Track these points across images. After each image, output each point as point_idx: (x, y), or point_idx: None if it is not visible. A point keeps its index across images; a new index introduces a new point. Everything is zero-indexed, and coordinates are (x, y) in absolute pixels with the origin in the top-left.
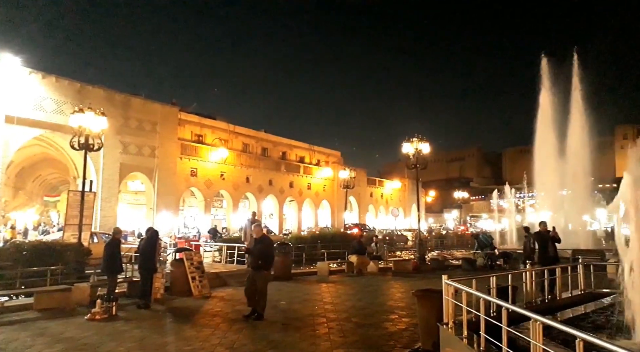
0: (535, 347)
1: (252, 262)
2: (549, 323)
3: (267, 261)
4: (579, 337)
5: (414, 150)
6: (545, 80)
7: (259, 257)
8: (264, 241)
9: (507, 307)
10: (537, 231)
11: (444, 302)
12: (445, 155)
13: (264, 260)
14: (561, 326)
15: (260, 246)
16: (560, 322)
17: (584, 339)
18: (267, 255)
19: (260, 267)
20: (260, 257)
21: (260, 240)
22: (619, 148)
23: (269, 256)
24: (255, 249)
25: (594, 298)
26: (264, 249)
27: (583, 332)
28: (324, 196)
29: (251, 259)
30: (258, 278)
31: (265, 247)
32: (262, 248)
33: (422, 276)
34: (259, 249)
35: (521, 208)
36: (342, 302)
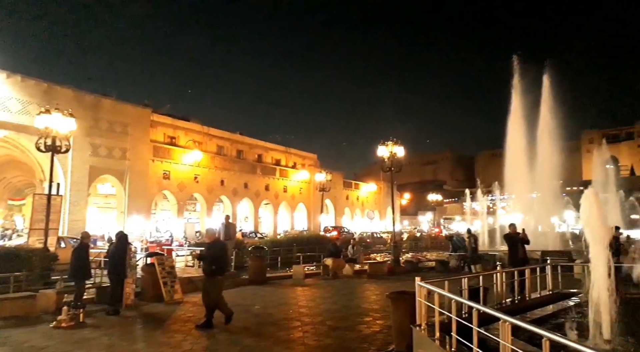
0: (504, 347)
1: (204, 268)
2: (517, 323)
3: (220, 266)
4: (545, 336)
5: (388, 154)
6: (517, 87)
7: (212, 262)
8: (217, 246)
9: (478, 308)
10: (507, 233)
11: (417, 304)
12: (420, 159)
13: (217, 265)
14: (528, 326)
15: (212, 251)
16: (528, 322)
17: (550, 339)
18: (220, 260)
19: (213, 273)
20: (213, 263)
21: (213, 245)
22: (586, 152)
23: (222, 261)
24: (208, 254)
25: (561, 298)
26: (216, 254)
27: (549, 332)
28: (300, 198)
29: (204, 264)
30: (210, 284)
31: (217, 252)
32: (214, 253)
33: (396, 278)
34: (211, 254)
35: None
36: (317, 306)
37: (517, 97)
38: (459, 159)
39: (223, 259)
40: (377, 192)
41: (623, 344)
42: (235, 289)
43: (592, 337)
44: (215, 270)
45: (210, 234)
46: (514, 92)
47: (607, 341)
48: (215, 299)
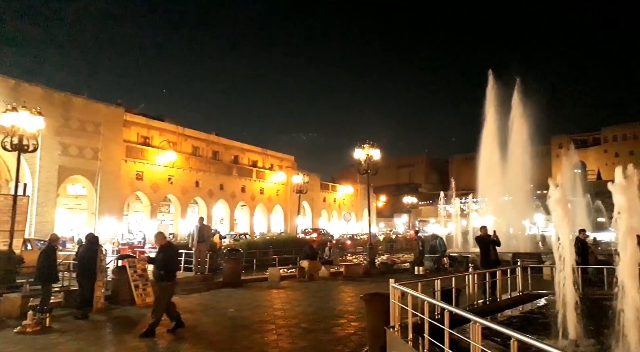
0: (474, 347)
1: (154, 273)
2: (487, 324)
3: (169, 271)
4: (514, 337)
5: (365, 156)
6: (490, 94)
7: (161, 267)
8: (167, 250)
9: (450, 310)
10: (479, 235)
11: (390, 305)
12: (396, 162)
13: (166, 270)
14: (498, 326)
15: (162, 255)
16: (498, 323)
17: (518, 339)
18: (170, 265)
19: (162, 278)
20: (162, 267)
21: (163, 248)
22: (555, 156)
23: (172, 265)
24: (157, 259)
25: (531, 299)
26: (166, 258)
27: (517, 333)
28: (277, 200)
29: (154, 269)
30: (159, 290)
31: (167, 256)
32: (164, 257)
33: (372, 279)
34: (161, 258)
35: (466, 213)
36: (292, 308)
37: (491, 104)
38: (434, 162)
39: (173, 264)
40: (353, 194)
41: (587, 344)
42: (210, 292)
43: (558, 337)
44: (164, 275)
45: (160, 238)
46: (488, 99)
47: (572, 340)
48: (160, 303)
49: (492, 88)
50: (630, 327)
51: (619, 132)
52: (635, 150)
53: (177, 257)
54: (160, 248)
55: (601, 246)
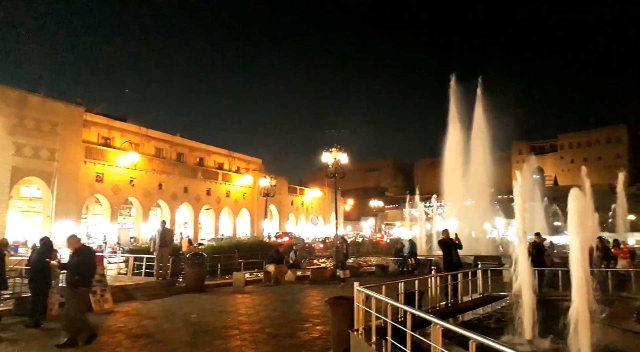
0: (435, 349)
1: (67, 278)
2: (447, 326)
3: (84, 276)
4: (472, 338)
5: (332, 160)
6: (454, 100)
7: (75, 271)
8: (82, 253)
9: (411, 312)
10: (441, 238)
11: (355, 309)
12: (363, 166)
13: (81, 275)
14: (457, 328)
15: (77, 259)
16: (458, 325)
17: (476, 340)
18: (86, 269)
19: (75, 283)
20: (78, 272)
21: (78, 252)
22: (515, 162)
23: (89, 270)
24: (71, 263)
25: (491, 300)
26: (82, 262)
27: (475, 334)
28: (243, 204)
29: (67, 274)
30: (72, 296)
31: (83, 260)
32: (79, 261)
33: (338, 283)
34: (75, 262)
35: (431, 216)
36: (257, 313)
37: (454, 110)
38: (400, 166)
39: (89, 268)
40: (321, 197)
41: (543, 343)
42: (172, 297)
43: (516, 338)
44: (77, 281)
45: (74, 241)
46: (452, 106)
47: (529, 340)
48: (76, 311)
49: (454, 94)
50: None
51: (574, 140)
52: (589, 157)
53: (94, 260)
54: (75, 252)
55: (557, 249)
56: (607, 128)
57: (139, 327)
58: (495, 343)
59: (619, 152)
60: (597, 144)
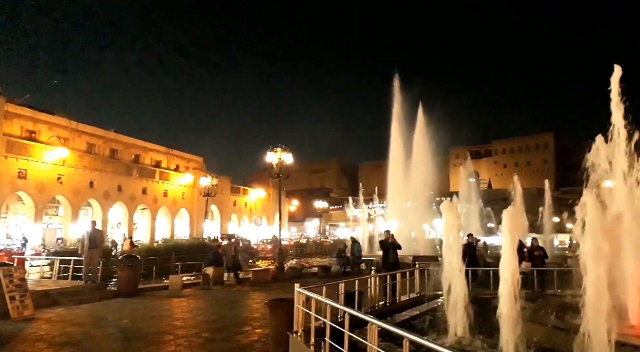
0: (371, 348)
1: None
2: (383, 325)
3: None
4: (406, 337)
5: (277, 160)
6: (397, 106)
7: None
8: None
9: (349, 313)
10: (382, 239)
11: (295, 310)
12: (309, 166)
13: None
14: (392, 327)
15: None
16: (394, 324)
17: (410, 339)
18: None
19: None
20: None
21: None
22: (453, 166)
23: None
24: None
25: (428, 300)
26: None
27: (409, 333)
28: (182, 204)
29: None
30: None
31: None
32: None
33: (280, 285)
34: None
35: (373, 217)
36: (194, 317)
37: (397, 115)
38: (345, 168)
39: None
40: (266, 198)
41: (474, 341)
42: (101, 302)
43: (448, 335)
44: None
45: None
46: (394, 111)
47: (460, 338)
48: None
49: (398, 101)
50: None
51: (507, 146)
52: (520, 162)
53: None
54: None
55: (490, 250)
56: (536, 135)
57: (63, 334)
58: (427, 341)
59: (546, 157)
60: (527, 150)
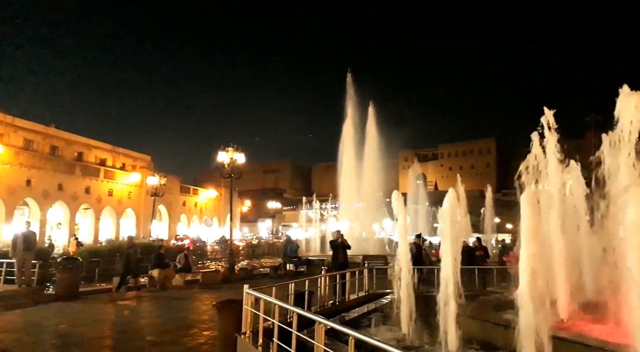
0: (317, 347)
1: None
2: (329, 324)
3: None
4: (351, 335)
5: (229, 160)
6: (349, 109)
7: None
8: None
9: (297, 312)
10: (332, 239)
11: (243, 311)
12: (262, 167)
13: None
14: (338, 326)
15: None
16: (341, 323)
17: (355, 337)
18: None
19: None
20: None
21: None
22: (402, 168)
23: None
24: None
25: (376, 298)
26: None
27: (354, 331)
28: (128, 203)
29: None
30: None
31: None
32: None
33: (230, 286)
34: None
35: (326, 218)
36: (137, 321)
37: (349, 117)
38: (299, 169)
39: None
40: (217, 198)
41: (417, 337)
42: (37, 307)
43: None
44: None
45: None
46: (346, 113)
47: (404, 334)
48: None
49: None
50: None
51: (452, 149)
52: (464, 165)
53: None
54: None
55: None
56: (480, 140)
57: None
58: (371, 339)
59: (488, 161)
60: (471, 154)
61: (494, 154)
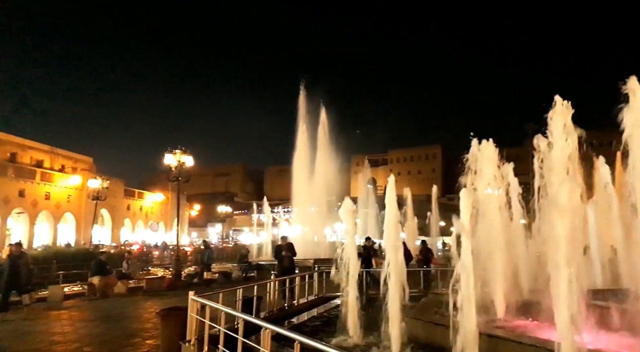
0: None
1: None
2: (276, 329)
3: None
4: (297, 340)
5: (176, 163)
6: (302, 113)
7: None
8: None
9: (244, 319)
10: (278, 244)
11: (188, 319)
12: (212, 170)
13: None
14: (284, 331)
15: None
16: (288, 328)
17: (301, 341)
18: None
19: None
20: None
21: None
22: (354, 173)
23: None
24: None
25: (326, 301)
26: None
27: (300, 335)
28: (68, 207)
29: None
30: None
31: None
32: None
33: (176, 293)
34: None
35: (278, 222)
36: (75, 331)
37: (302, 122)
38: (250, 172)
39: None
40: (164, 202)
41: (364, 339)
42: None
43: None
44: None
45: None
46: (300, 118)
47: (351, 336)
48: None
49: (302, 105)
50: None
51: (400, 155)
52: (412, 170)
53: None
54: None
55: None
56: (427, 146)
57: None
58: (316, 342)
59: (434, 167)
60: (419, 160)
61: (439, 160)
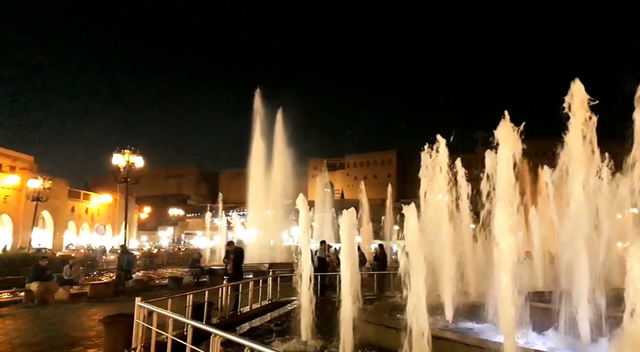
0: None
1: None
2: (225, 336)
3: None
4: (247, 346)
5: (125, 163)
6: (258, 116)
7: None
8: None
9: (193, 325)
10: (227, 249)
11: (134, 326)
12: (163, 172)
13: None
14: (234, 337)
15: None
16: (239, 334)
17: (251, 347)
18: None
19: None
20: None
21: None
22: (311, 176)
23: None
24: None
25: (280, 306)
26: None
27: (249, 341)
28: (4, 209)
29: None
30: None
31: None
32: None
33: (122, 299)
34: None
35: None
36: (9, 341)
37: (258, 124)
38: (204, 174)
39: None
40: (111, 204)
41: (316, 343)
42: None
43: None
44: None
45: None
46: (256, 120)
47: (304, 341)
48: None
49: (258, 110)
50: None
51: (357, 160)
52: (368, 175)
53: None
54: None
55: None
56: (382, 152)
57: None
58: (267, 348)
59: (390, 172)
60: (375, 164)
61: (395, 165)
